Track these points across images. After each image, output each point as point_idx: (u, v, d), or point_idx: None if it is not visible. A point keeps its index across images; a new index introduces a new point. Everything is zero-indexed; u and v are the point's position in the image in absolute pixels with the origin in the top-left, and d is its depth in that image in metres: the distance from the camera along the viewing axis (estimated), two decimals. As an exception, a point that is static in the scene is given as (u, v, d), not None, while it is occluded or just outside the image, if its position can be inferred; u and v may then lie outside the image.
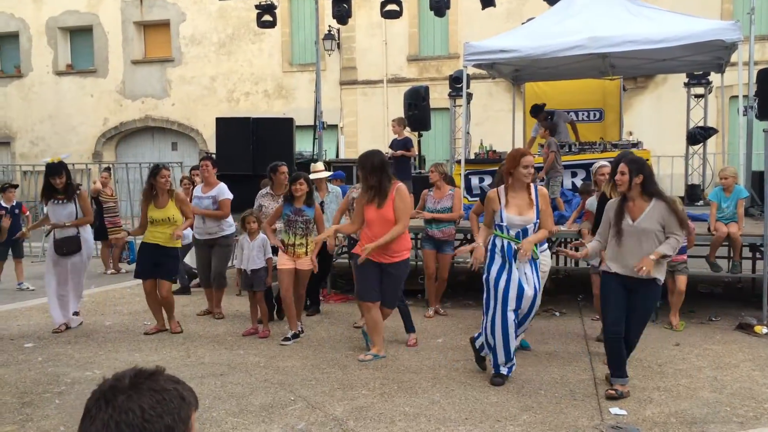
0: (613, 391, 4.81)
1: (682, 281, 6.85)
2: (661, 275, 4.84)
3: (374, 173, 5.60)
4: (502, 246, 5.14)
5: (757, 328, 6.65)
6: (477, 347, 5.45)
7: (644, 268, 4.63)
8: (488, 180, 9.53)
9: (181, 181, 9.62)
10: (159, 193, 6.78)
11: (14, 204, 9.80)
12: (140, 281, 7.07)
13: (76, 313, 7.20)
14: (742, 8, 15.49)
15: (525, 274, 5.12)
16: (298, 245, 6.44)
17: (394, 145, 11.12)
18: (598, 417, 4.50)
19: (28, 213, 10.03)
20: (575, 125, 10.89)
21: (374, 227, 5.65)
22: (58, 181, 6.87)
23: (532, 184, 5.16)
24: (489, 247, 5.28)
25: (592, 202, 6.62)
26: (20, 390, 5.11)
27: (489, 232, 5.31)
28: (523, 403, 4.75)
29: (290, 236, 6.47)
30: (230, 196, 7.59)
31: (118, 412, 1.29)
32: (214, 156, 10.91)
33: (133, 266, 11.21)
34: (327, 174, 8.07)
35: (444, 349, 6.18)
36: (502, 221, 5.14)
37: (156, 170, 6.84)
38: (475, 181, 9.80)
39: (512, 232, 5.11)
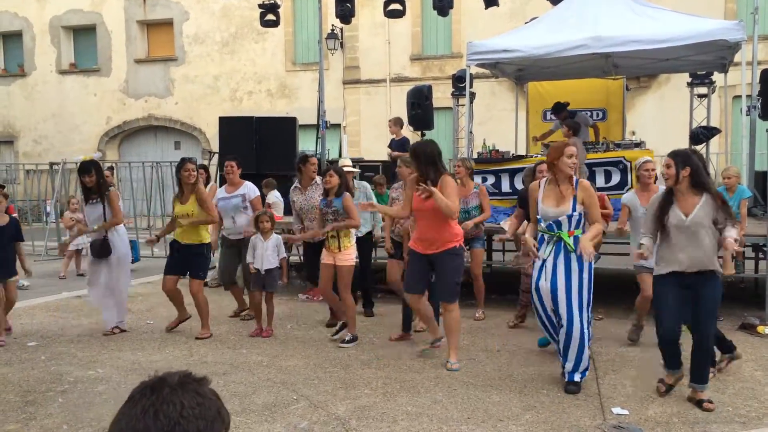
0: (710, 404, 4.59)
1: None
2: (719, 267, 4.70)
3: (428, 164, 5.46)
4: (539, 238, 5.09)
5: (760, 329, 6.64)
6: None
7: (734, 250, 4.51)
8: (491, 179, 9.52)
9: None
10: (183, 188, 6.71)
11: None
12: (145, 280, 7.06)
13: (115, 328, 6.88)
14: (746, 8, 15.47)
15: (545, 267, 5.00)
16: (331, 238, 6.29)
17: (392, 145, 11.15)
18: (600, 416, 4.50)
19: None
20: (597, 128, 10.84)
21: (421, 219, 5.55)
22: (87, 179, 6.76)
23: (574, 177, 5.06)
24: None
25: (629, 197, 6.42)
26: (23, 389, 5.13)
27: (534, 227, 5.21)
28: (526, 403, 4.75)
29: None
30: (258, 193, 7.52)
31: (160, 401, 1.32)
32: (215, 155, 10.94)
33: (137, 264, 11.30)
34: (355, 170, 8.00)
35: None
36: (538, 213, 5.10)
37: (180, 164, 6.73)
38: (478, 180, 9.76)
39: (544, 224, 5.06)
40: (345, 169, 7.05)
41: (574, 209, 4.96)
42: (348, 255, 6.32)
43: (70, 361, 5.87)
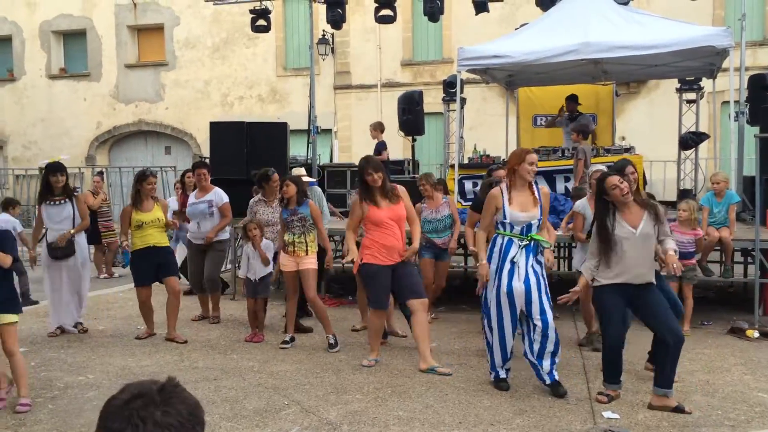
0: (604, 397, 4.81)
1: (688, 288, 6.88)
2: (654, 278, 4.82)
3: (379, 171, 5.61)
4: (502, 244, 5.12)
5: (749, 332, 6.69)
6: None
7: (675, 265, 4.61)
8: (482, 184, 9.55)
9: (175, 185, 9.58)
10: (144, 198, 6.82)
11: None
12: (133, 286, 7.06)
13: (78, 325, 7.11)
14: (734, 14, 15.60)
15: (518, 267, 5.05)
16: (297, 243, 6.42)
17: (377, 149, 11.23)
18: (590, 421, 4.52)
19: None
20: (596, 134, 10.91)
21: (387, 227, 5.61)
22: (59, 178, 6.81)
23: (533, 183, 5.17)
24: (489, 247, 5.24)
25: (582, 205, 6.54)
26: (13, 395, 5.09)
27: (486, 238, 5.30)
28: (517, 407, 4.76)
29: (289, 236, 6.47)
30: (227, 199, 7.60)
31: (159, 428, 1.26)
32: (206, 160, 10.93)
33: (126, 270, 11.24)
34: (308, 179, 8.08)
35: (438, 354, 6.17)
36: (505, 218, 5.11)
37: (143, 177, 6.87)
38: (468, 185, 9.82)
39: (516, 229, 5.09)
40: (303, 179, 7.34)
41: (541, 213, 5.13)
42: (313, 258, 6.48)
43: (59, 367, 5.83)
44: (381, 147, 10.94)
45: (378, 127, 11.25)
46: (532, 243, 5.08)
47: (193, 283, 7.97)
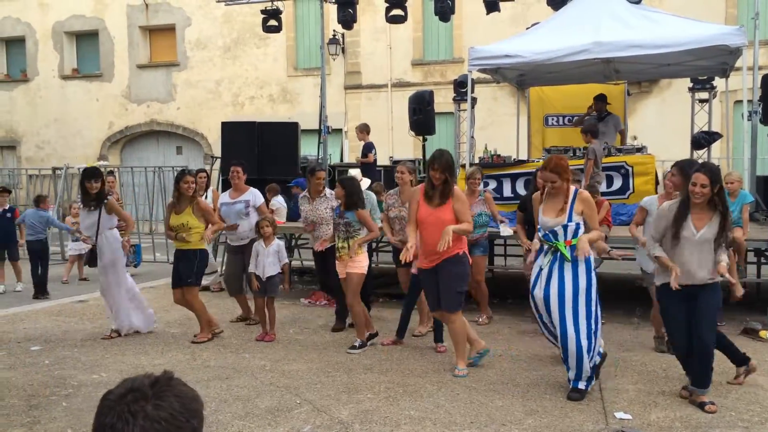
0: (713, 406, 4.64)
1: None
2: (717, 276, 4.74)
3: (445, 171, 5.40)
4: (539, 248, 5.13)
5: (762, 333, 6.65)
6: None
7: (725, 274, 4.58)
8: (493, 184, 9.54)
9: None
10: (181, 199, 6.64)
11: (6, 208, 9.88)
12: (147, 284, 7.11)
13: (112, 332, 6.91)
14: (747, 13, 15.49)
15: (541, 276, 5.03)
16: (341, 248, 6.31)
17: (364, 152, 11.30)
18: (603, 421, 4.51)
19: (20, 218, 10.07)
20: (624, 135, 10.87)
21: (426, 230, 5.44)
22: (93, 184, 6.75)
23: (572, 188, 5.08)
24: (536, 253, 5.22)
25: (650, 201, 6.22)
26: (28, 393, 5.14)
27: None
28: (528, 407, 4.76)
29: (336, 239, 6.40)
30: (263, 200, 7.52)
31: (149, 422, 1.27)
32: (217, 160, 10.97)
33: (139, 269, 11.33)
34: (366, 182, 8.02)
35: (449, 353, 6.18)
36: (538, 224, 5.15)
37: (180, 176, 6.68)
38: (479, 186, 9.79)
39: (542, 234, 5.09)
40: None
41: (570, 219, 4.98)
42: (359, 263, 6.31)
43: (73, 365, 5.88)
44: (368, 149, 11.07)
45: (364, 129, 11.38)
46: (558, 251, 4.99)
47: (229, 284, 7.70)
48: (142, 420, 1.27)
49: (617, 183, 9.10)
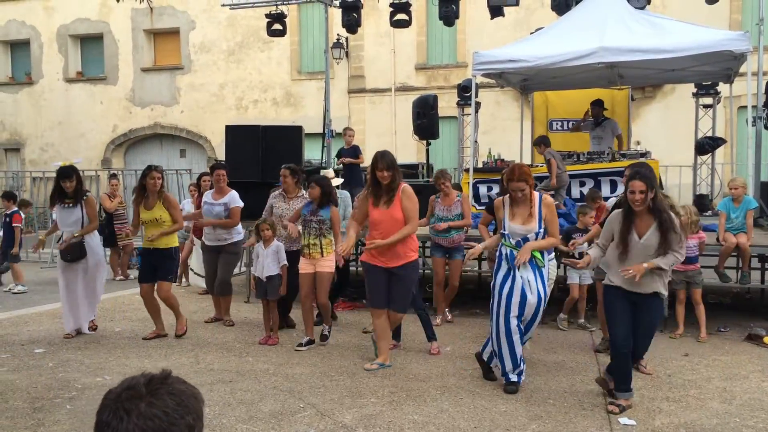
0: (615, 407, 4.75)
1: (698, 293, 6.85)
2: (663, 289, 4.78)
3: (389, 170, 5.54)
4: (506, 254, 5.24)
5: (767, 339, 6.63)
6: (485, 359, 5.47)
7: (631, 272, 4.58)
8: (496, 188, 9.53)
9: (190, 188, 9.66)
10: (149, 195, 6.86)
11: (8, 213, 10.00)
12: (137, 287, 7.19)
13: (91, 326, 7.22)
14: (751, 19, 15.49)
15: (528, 281, 5.17)
16: (312, 245, 6.44)
17: (342, 154, 11.33)
18: (607, 427, 4.50)
19: (19, 224, 10.12)
20: (622, 140, 10.91)
21: (382, 228, 5.59)
22: (68, 184, 6.90)
23: (536, 194, 5.22)
24: (497, 254, 5.37)
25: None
26: (32, 395, 5.15)
27: (499, 239, 5.38)
28: (532, 413, 4.75)
29: (305, 236, 6.50)
30: (241, 204, 7.62)
31: (143, 419, 1.29)
32: (223, 162, 10.99)
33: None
34: (338, 181, 8.12)
35: (452, 358, 6.18)
36: (505, 230, 5.25)
37: (146, 171, 6.92)
38: (483, 189, 9.82)
39: (513, 241, 5.20)
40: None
41: (540, 226, 5.17)
42: (329, 261, 6.48)
43: (77, 368, 5.89)
44: (359, 150, 11.20)
45: (352, 132, 11.56)
46: (532, 258, 5.16)
47: (209, 284, 7.99)
48: (136, 417, 1.30)
49: (621, 188, 9.07)
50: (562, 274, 8.08)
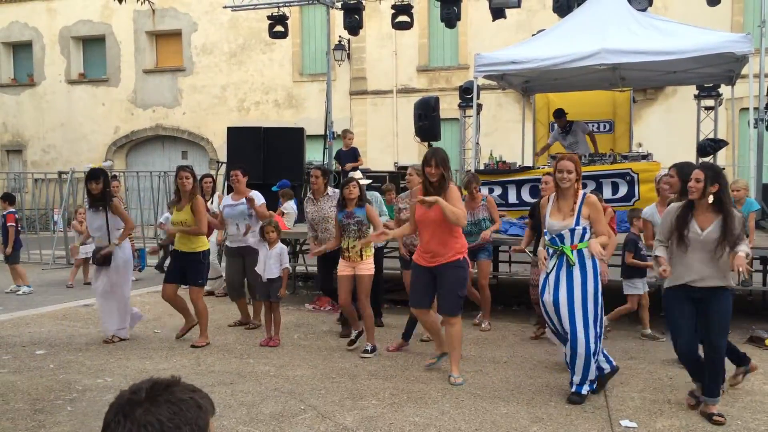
0: (720, 417, 4.57)
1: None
2: (731, 281, 4.67)
3: (440, 166, 5.36)
4: (547, 252, 5.11)
5: (768, 342, 6.61)
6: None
7: (743, 267, 4.42)
8: (498, 190, 9.53)
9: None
10: (181, 196, 6.74)
11: (3, 213, 10.00)
12: (152, 289, 7.12)
13: (113, 337, 6.88)
14: (753, 21, 15.48)
15: (549, 281, 5.02)
16: (352, 248, 6.31)
17: (340, 156, 11.33)
18: (608, 429, 4.49)
19: (13, 223, 10.05)
20: (594, 136, 10.94)
21: (425, 230, 5.47)
22: (94, 185, 6.78)
23: (580, 192, 5.07)
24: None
25: (650, 212, 6.41)
26: (32, 397, 5.15)
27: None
28: (534, 415, 4.74)
29: (345, 240, 6.37)
30: (264, 200, 7.52)
31: (136, 426, 1.29)
32: (222, 165, 11.01)
33: (144, 273, 11.35)
34: (367, 181, 8.01)
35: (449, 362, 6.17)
36: (545, 227, 5.13)
37: (176, 172, 6.81)
38: (485, 191, 9.79)
39: (548, 238, 5.08)
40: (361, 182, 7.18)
41: (577, 223, 4.97)
42: (369, 264, 6.34)
43: (78, 370, 5.88)
44: (357, 153, 11.24)
45: (352, 135, 11.67)
46: (563, 255, 4.98)
47: (230, 289, 7.76)
48: (130, 423, 1.31)
49: (623, 190, 9.07)
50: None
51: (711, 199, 4.54)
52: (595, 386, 5.07)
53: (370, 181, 8.58)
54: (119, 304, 6.91)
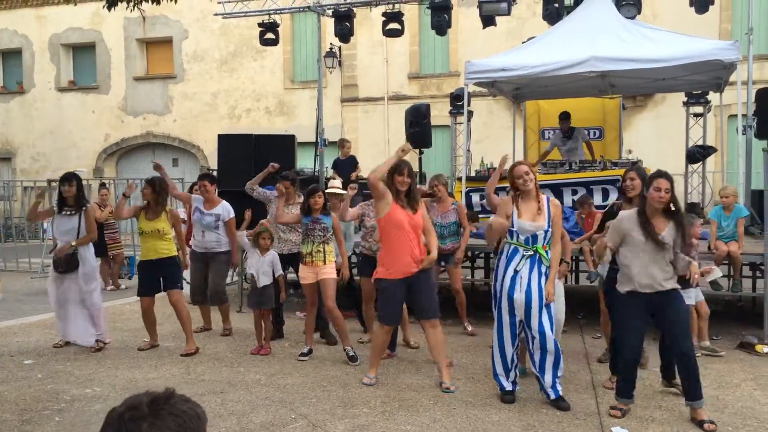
0: (618, 411, 4.77)
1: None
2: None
3: (410, 176, 5.52)
4: (509, 251, 5.16)
5: (759, 347, 6.64)
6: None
7: (696, 276, 4.57)
8: (489, 197, 9.53)
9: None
10: (152, 204, 6.76)
11: None
12: (131, 297, 7.07)
13: (97, 341, 6.87)
14: (741, 28, 15.62)
15: (521, 278, 5.08)
16: (315, 253, 6.36)
17: (338, 165, 11.32)
18: (599, 436, 4.48)
19: None
20: (591, 145, 10.98)
21: (405, 233, 5.49)
22: (67, 188, 6.79)
23: (543, 195, 5.21)
24: (498, 254, 5.31)
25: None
26: (20, 407, 5.10)
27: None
28: (525, 422, 4.73)
29: (308, 245, 6.40)
30: (233, 214, 7.56)
31: None
32: (213, 172, 10.97)
33: (133, 282, 11.26)
34: (344, 192, 8.02)
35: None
36: (513, 227, 5.15)
37: (147, 181, 6.92)
38: (476, 198, 9.80)
39: (522, 238, 5.12)
40: (332, 190, 7.47)
41: (549, 225, 5.11)
42: (332, 268, 6.43)
43: (66, 380, 5.83)
44: (356, 161, 11.23)
45: (350, 144, 11.73)
46: (536, 254, 5.09)
47: (193, 293, 7.83)
48: None
49: (613, 196, 9.09)
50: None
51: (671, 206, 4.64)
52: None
53: (347, 193, 8.58)
54: (92, 311, 6.89)
